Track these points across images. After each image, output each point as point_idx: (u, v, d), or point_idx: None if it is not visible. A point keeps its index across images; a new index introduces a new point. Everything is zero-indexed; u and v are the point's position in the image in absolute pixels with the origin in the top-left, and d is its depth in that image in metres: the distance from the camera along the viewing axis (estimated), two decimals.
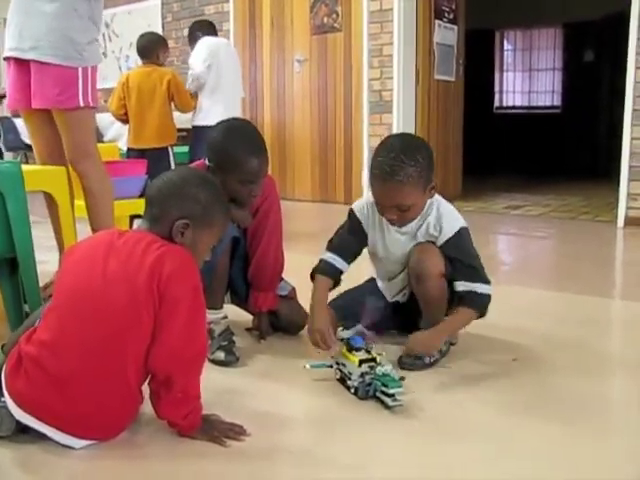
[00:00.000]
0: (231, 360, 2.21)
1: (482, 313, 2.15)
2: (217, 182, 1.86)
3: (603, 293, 3.23)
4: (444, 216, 2.16)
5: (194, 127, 4.74)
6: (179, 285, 1.58)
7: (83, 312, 1.61)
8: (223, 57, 4.73)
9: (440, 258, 2.12)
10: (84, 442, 1.61)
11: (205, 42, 4.71)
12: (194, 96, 4.78)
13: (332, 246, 2.31)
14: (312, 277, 2.28)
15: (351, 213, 2.32)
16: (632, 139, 5.07)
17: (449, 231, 2.13)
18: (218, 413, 1.76)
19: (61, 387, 1.56)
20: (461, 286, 2.12)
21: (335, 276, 2.28)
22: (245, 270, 2.43)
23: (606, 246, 4.64)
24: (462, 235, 2.15)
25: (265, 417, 1.83)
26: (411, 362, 2.12)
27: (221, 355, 2.21)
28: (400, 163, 2.01)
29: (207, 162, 2.24)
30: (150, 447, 1.66)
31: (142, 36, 4.78)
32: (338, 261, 2.28)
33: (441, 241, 2.14)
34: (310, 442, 1.71)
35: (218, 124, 2.31)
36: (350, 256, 2.30)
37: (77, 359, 1.57)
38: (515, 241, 4.90)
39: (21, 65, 2.79)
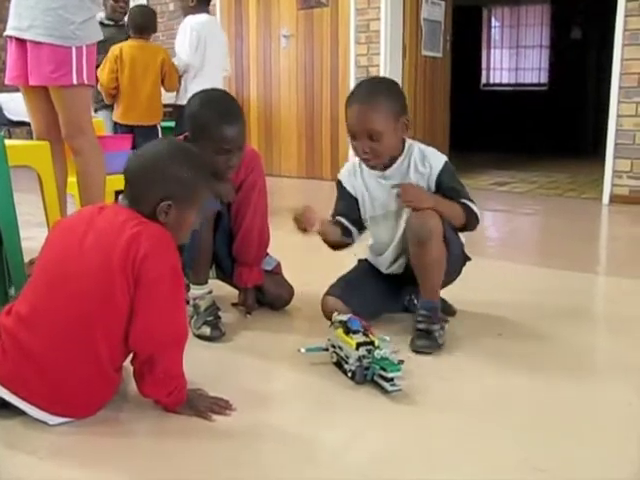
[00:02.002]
0: (216, 335, 2.20)
1: (470, 221, 2.19)
2: (197, 152, 1.79)
3: (588, 269, 3.24)
4: (427, 153, 2.20)
5: (179, 106, 4.67)
6: (156, 265, 1.56)
7: (56, 286, 1.60)
8: (209, 38, 4.64)
9: (439, 220, 2.09)
10: (58, 419, 1.59)
11: (190, 24, 4.56)
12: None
13: (334, 214, 2.31)
14: None
15: (338, 184, 2.34)
16: (618, 116, 5.07)
17: (438, 164, 2.17)
18: (204, 388, 1.76)
19: (34, 362, 1.55)
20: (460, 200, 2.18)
21: (342, 226, 2.26)
22: (230, 245, 2.41)
23: (591, 223, 4.66)
24: (449, 166, 2.20)
25: (251, 393, 1.82)
26: (425, 344, 2.06)
27: (207, 330, 2.20)
28: (372, 90, 2.15)
29: (184, 134, 2.24)
30: (134, 424, 1.66)
31: (137, 11, 4.66)
32: (345, 221, 2.28)
33: (434, 175, 2.17)
34: (297, 420, 1.70)
35: (195, 95, 2.28)
36: (355, 221, 2.29)
37: (49, 334, 1.56)
38: (501, 217, 4.90)
39: (20, 43, 2.86)
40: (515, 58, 10.86)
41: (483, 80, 11.13)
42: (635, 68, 4.96)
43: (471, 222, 2.20)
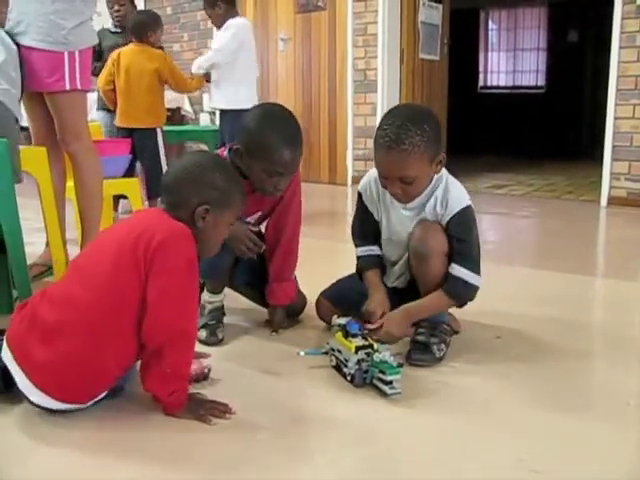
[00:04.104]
0: (213, 341, 2.20)
1: (461, 304, 2.10)
2: (227, 162, 1.91)
3: (586, 271, 3.25)
4: (451, 192, 2.05)
5: (223, 111, 4.66)
6: (172, 254, 1.59)
7: (78, 271, 1.69)
8: (249, 41, 4.65)
9: (443, 236, 2.02)
10: (39, 394, 1.60)
11: (233, 29, 4.52)
12: (204, 76, 4.75)
13: (358, 240, 2.28)
14: (360, 277, 2.27)
15: (359, 196, 2.26)
16: (615, 119, 5.09)
17: (455, 207, 2.03)
18: (202, 392, 1.77)
19: (40, 330, 1.60)
20: (453, 270, 2.02)
21: (378, 263, 2.24)
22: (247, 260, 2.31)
23: (589, 225, 4.66)
24: (467, 214, 2.05)
25: (250, 396, 1.82)
26: (421, 357, 2.02)
27: (203, 334, 2.20)
28: (406, 131, 1.91)
29: (235, 145, 2.10)
30: (134, 426, 1.65)
31: (132, 18, 4.66)
32: (372, 249, 2.25)
33: (446, 218, 2.03)
34: (296, 423, 1.70)
35: (256, 107, 2.21)
36: (378, 239, 2.25)
37: (62, 312, 1.60)
38: (499, 220, 4.91)
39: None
40: (512, 61, 10.89)
41: (480, 83, 11.15)
42: (632, 70, 4.97)
43: (462, 300, 2.08)
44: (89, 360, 1.60)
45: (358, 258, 2.28)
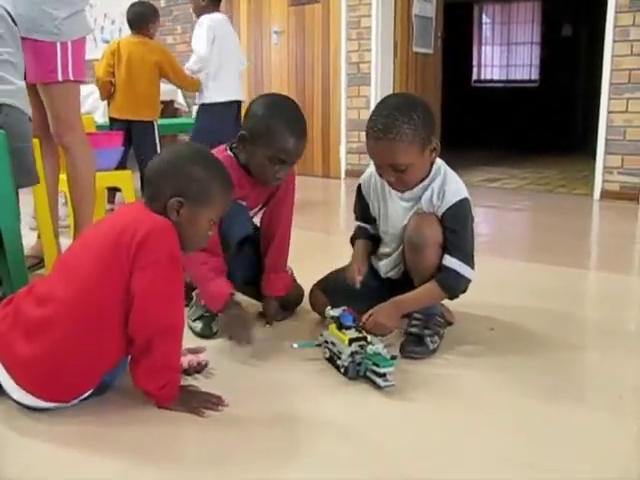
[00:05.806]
0: (207, 334, 2.20)
1: (453, 296, 2.09)
2: (215, 156, 1.81)
3: (578, 264, 3.26)
4: (449, 184, 2.05)
5: (201, 105, 4.65)
6: (154, 249, 1.57)
7: (63, 268, 1.68)
8: (224, 36, 4.63)
9: (439, 227, 2.02)
10: (21, 391, 1.59)
11: (205, 21, 4.52)
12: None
13: (359, 217, 2.34)
14: (352, 243, 2.32)
15: (358, 190, 2.28)
16: (609, 112, 5.09)
17: (451, 199, 2.02)
18: (195, 384, 1.77)
19: (26, 329, 1.59)
20: (446, 260, 2.02)
21: (371, 237, 2.29)
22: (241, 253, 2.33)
23: (582, 219, 4.67)
24: (463, 206, 2.05)
25: (243, 389, 1.82)
26: (414, 350, 2.02)
27: (198, 326, 2.21)
28: (393, 121, 1.93)
29: (240, 131, 2.12)
30: (123, 417, 1.65)
31: (129, 9, 4.66)
32: (368, 227, 2.30)
33: (443, 209, 2.03)
34: (289, 416, 1.70)
35: (264, 95, 2.24)
36: (374, 224, 2.29)
37: (47, 309, 1.59)
38: (492, 213, 4.91)
39: None
40: (506, 55, 10.90)
41: (474, 76, 11.16)
42: (625, 64, 4.97)
43: (453, 291, 2.07)
44: (74, 355, 1.58)
45: (356, 227, 2.34)
